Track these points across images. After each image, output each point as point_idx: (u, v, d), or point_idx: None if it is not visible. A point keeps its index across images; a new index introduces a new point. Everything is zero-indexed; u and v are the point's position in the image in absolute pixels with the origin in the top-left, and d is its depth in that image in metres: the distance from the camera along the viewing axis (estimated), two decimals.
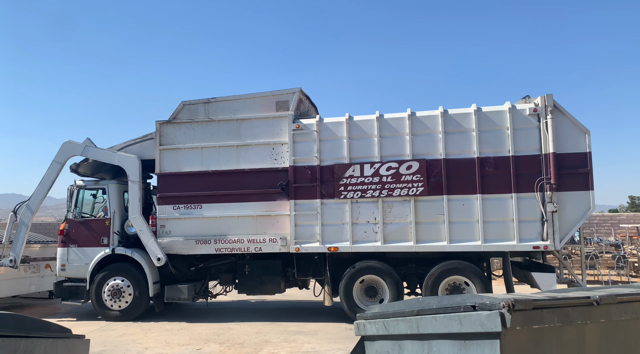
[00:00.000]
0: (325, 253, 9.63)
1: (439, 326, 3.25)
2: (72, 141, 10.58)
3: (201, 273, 10.56)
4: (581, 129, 8.94)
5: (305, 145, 9.71)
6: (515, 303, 2.72)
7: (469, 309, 3.01)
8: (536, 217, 8.90)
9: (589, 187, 8.83)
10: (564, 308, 2.88)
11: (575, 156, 8.86)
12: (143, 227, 10.05)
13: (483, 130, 9.14)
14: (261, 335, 8.66)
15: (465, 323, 3.00)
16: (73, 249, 10.43)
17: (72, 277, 10.46)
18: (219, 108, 10.18)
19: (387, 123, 9.46)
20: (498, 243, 8.95)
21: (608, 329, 3.05)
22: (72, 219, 10.51)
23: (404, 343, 3.74)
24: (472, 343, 2.97)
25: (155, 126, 10.35)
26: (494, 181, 9.03)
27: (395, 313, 3.85)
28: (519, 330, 2.77)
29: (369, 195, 9.35)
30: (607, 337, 3.05)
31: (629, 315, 3.07)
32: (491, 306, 2.84)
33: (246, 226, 9.83)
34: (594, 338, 3.01)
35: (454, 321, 3.09)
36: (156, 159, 10.23)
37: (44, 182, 10.51)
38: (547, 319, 2.83)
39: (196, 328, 9.35)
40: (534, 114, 9.01)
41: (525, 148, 9.01)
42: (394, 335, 3.84)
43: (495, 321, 2.74)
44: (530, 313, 2.76)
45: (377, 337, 4.14)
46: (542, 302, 2.85)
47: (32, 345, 3.39)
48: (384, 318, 3.99)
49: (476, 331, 2.90)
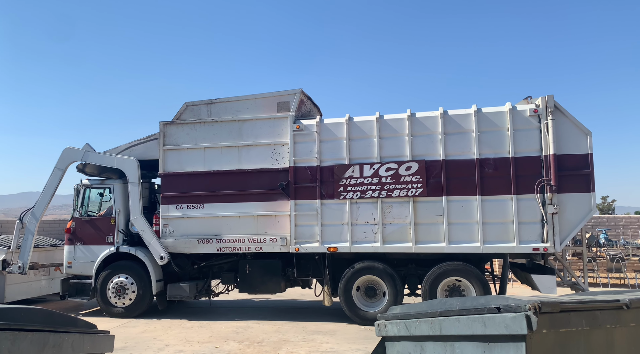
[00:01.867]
0: (324, 253, 9.69)
1: (462, 328, 3.23)
2: (71, 147, 10.78)
3: (203, 272, 10.70)
4: (582, 130, 8.84)
5: (306, 145, 9.76)
6: (541, 306, 2.70)
7: (493, 311, 2.98)
8: (536, 219, 8.83)
9: (590, 189, 8.74)
10: (592, 311, 2.84)
11: (576, 157, 8.78)
12: (145, 227, 10.22)
13: (483, 131, 9.09)
14: (280, 334, 8.72)
15: (489, 325, 2.98)
16: (79, 247, 10.64)
17: (78, 274, 10.68)
18: (222, 109, 10.30)
19: (387, 124, 9.47)
20: (497, 245, 8.90)
21: (638, 333, 3.01)
22: (78, 217, 10.72)
23: (426, 344, 3.72)
24: (497, 345, 2.94)
25: (159, 126, 10.51)
26: (494, 183, 8.98)
27: (417, 314, 3.83)
28: (546, 333, 2.74)
29: (369, 196, 9.37)
30: (637, 341, 3.00)
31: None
32: (516, 309, 2.81)
33: (247, 226, 9.93)
34: (623, 342, 2.97)
35: (477, 322, 3.07)
36: (160, 159, 10.39)
37: (47, 189, 10.72)
38: (575, 322, 2.79)
39: (215, 326, 9.46)
40: (535, 115, 8.94)
41: (526, 150, 8.94)
42: (416, 336, 3.82)
43: (521, 323, 2.72)
44: (557, 316, 2.73)
45: (398, 338, 4.12)
46: (570, 305, 2.81)
47: (61, 339, 3.42)
48: (405, 319, 3.98)
49: (501, 334, 2.87)
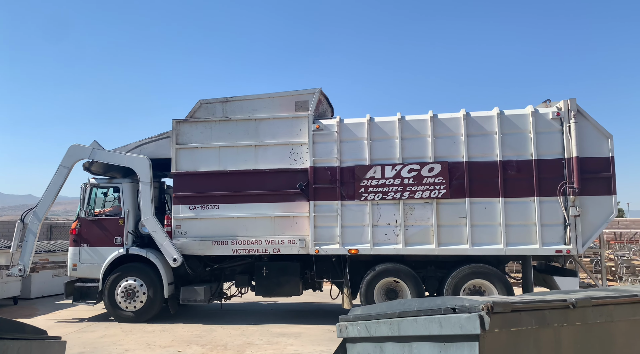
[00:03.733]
0: (344, 256, 9.54)
1: (419, 328, 3.26)
2: (78, 145, 10.37)
3: (216, 275, 10.40)
4: (604, 134, 8.94)
5: (325, 145, 9.61)
6: (494, 306, 2.73)
7: (449, 311, 3.02)
8: (558, 221, 8.87)
9: (612, 192, 8.83)
10: (541, 310, 2.90)
11: (598, 160, 8.85)
12: (157, 228, 9.88)
13: (505, 133, 9.10)
14: (244, 337, 8.59)
15: (445, 325, 3.02)
16: (85, 248, 10.22)
17: (84, 277, 10.25)
18: (237, 108, 10.06)
19: (409, 125, 9.40)
20: (520, 247, 8.90)
21: (584, 332, 3.08)
22: (84, 218, 10.30)
23: (385, 345, 3.74)
24: (452, 345, 2.98)
25: (171, 124, 10.19)
26: (517, 185, 8.99)
27: (377, 315, 3.84)
28: (498, 332, 2.79)
29: (390, 197, 9.27)
30: (582, 339, 3.09)
31: (604, 318, 3.10)
32: (471, 309, 2.84)
33: (264, 227, 9.70)
34: (570, 341, 3.04)
35: (434, 323, 3.10)
36: (172, 158, 10.07)
37: (52, 188, 10.28)
38: (525, 321, 2.85)
39: (178, 329, 9.23)
40: (557, 118, 9.00)
41: (548, 152, 8.98)
42: (376, 337, 3.84)
43: (475, 323, 2.75)
44: (508, 315, 2.78)
45: (358, 339, 4.12)
46: (520, 305, 2.87)
47: (5, 347, 3.30)
48: (365, 320, 3.99)
49: (456, 334, 2.91)
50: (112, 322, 9.92)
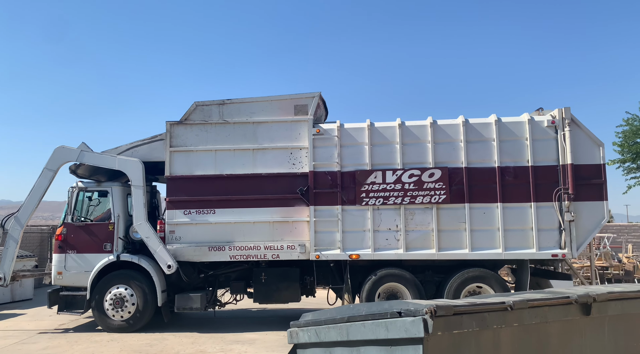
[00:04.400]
0: (343, 261, 9.48)
1: (367, 333, 3.31)
2: (65, 146, 9.88)
3: (209, 281, 10.12)
4: (595, 142, 9.28)
5: (326, 150, 9.55)
6: (437, 309, 2.79)
7: (395, 315, 3.06)
8: (554, 226, 9.14)
9: (603, 198, 9.17)
10: (481, 313, 2.98)
11: (590, 167, 9.18)
12: (150, 234, 9.52)
13: (503, 140, 9.32)
14: (197, 345, 8.41)
15: (391, 329, 3.07)
16: (72, 255, 9.71)
17: (69, 285, 9.73)
18: (234, 110, 9.85)
19: (409, 131, 9.47)
20: (518, 251, 9.11)
21: (521, 333, 3.20)
22: (71, 223, 9.79)
23: (334, 350, 3.77)
24: (398, 348, 3.03)
25: (165, 126, 9.88)
26: (514, 191, 9.20)
27: (327, 320, 3.87)
28: (441, 335, 2.85)
29: (391, 202, 9.30)
30: (520, 340, 3.20)
31: (539, 319, 3.22)
32: (415, 312, 2.89)
33: (262, 232, 9.52)
34: (508, 341, 3.15)
35: (381, 327, 3.15)
36: (166, 161, 9.75)
37: (35, 192, 9.75)
38: (466, 324, 2.93)
39: (127, 338, 8.94)
40: (552, 126, 9.29)
41: (544, 159, 9.25)
42: (326, 342, 3.86)
43: (419, 326, 2.80)
44: (450, 318, 2.85)
45: (309, 345, 4.13)
46: (462, 308, 2.94)
47: None
48: (316, 326, 4.00)
49: (401, 337, 2.96)
50: (57, 333, 9.52)
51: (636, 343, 3.60)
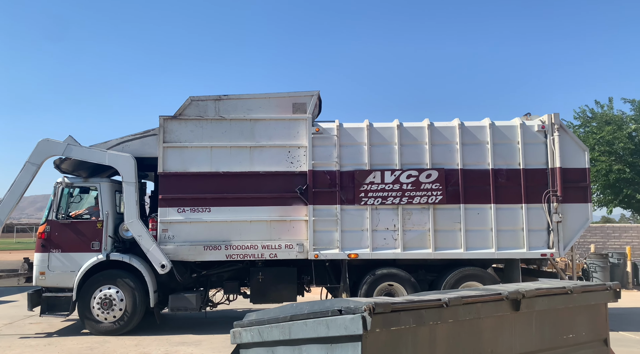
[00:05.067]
0: (339, 260, 9.49)
1: (309, 331, 3.33)
2: (50, 139, 9.35)
3: (200, 281, 9.87)
4: (581, 147, 9.76)
5: (325, 149, 9.53)
6: (375, 307, 2.83)
7: (336, 313, 3.09)
8: (543, 227, 9.52)
9: (588, 200, 9.66)
10: (418, 310, 3.05)
11: (577, 171, 9.63)
12: (142, 232, 9.17)
13: (496, 143, 9.60)
14: (140, 348, 8.20)
15: (332, 327, 3.10)
16: (56, 254, 9.20)
17: (52, 286, 9.22)
18: (231, 107, 9.65)
19: (407, 132, 9.60)
20: (510, 251, 9.43)
21: (455, 328, 3.32)
22: (55, 220, 9.27)
23: (277, 349, 3.78)
24: (338, 346, 3.06)
25: (158, 121, 9.53)
26: (506, 192, 9.51)
27: (270, 319, 3.88)
28: (379, 332, 2.90)
29: (389, 202, 9.39)
30: (454, 335, 3.33)
31: (473, 315, 3.36)
32: (355, 310, 2.93)
33: (259, 231, 9.38)
34: (444, 337, 3.26)
35: (322, 325, 3.17)
36: (159, 157, 9.42)
37: (16, 187, 9.16)
38: (404, 321, 3.00)
39: (67, 342, 8.60)
40: (542, 130, 9.67)
41: (534, 162, 9.61)
42: (268, 342, 3.86)
43: (358, 324, 2.83)
44: (388, 315, 2.90)
45: (252, 344, 4.13)
46: (400, 305, 3.02)
47: None
48: (259, 325, 4.00)
49: (341, 335, 2.98)
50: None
51: (560, 335, 3.82)
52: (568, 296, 3.88)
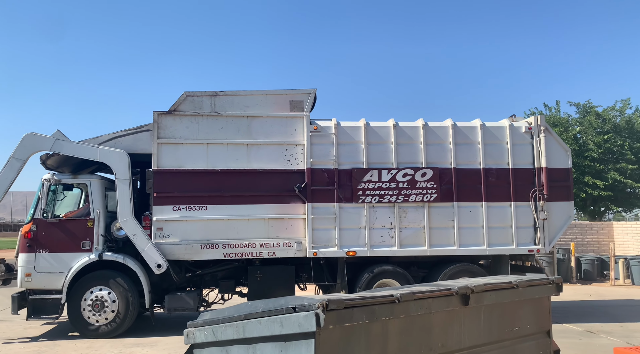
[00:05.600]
0: (334, 258, 9.54)
1: (263, 329, 3.33)
2: (37, 134, 8.89)
3: (194, 281, 9.66)
4: (564, 147, 10.25)
5: (323, 147, 9.54)
6: (329, 304, 2.85)
7: (290, 311, 3.11)
8: (530, 224, 9.93)
9: (570, 198, 10.17)
10: (371, 306, 3.13)
11: (561, 171, 10.10)
12: (137, 231, 8.87)
13: (487, 144, 9.93)
14: (92, 350, 7.97)
15: (286, 325, 3.11)
16: (43, 255, 8.75)
17: (39, 288, 8.77)
18: (227, 103, 9.49)
19: (403, 131, 9.77)
20: (500, 247, 9.78)
21: (407, 324, 3.42)
22: (42, 219, 8.80)
23: (231, 348, 3.77)
24: (292, 343, 3.06)
25: (152, 117, 9.25)
26: (496, 191, 9.85)
27: (224, 318, 3.85)
28: (332, 329, 2.94)
29: (387, 200, 9.53)
30: (406, 330, 3.43)
31: (424, 310, 3.47)
32: (309, 307, 2.96)
33: (257, 229, 9.29)
34: (395, 332, 3.36)
35: (276, 323, 3.16)
36: (153, 154, 9.14)
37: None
38: (357, 317, 3.05)
39: (13, 347, 8.23)
40: (528, 132, 10.08)
41: (521, 162, 10.00)
42: (222, 341, 3.85)
43: (311, 321, 2.85)
44: (342, 312, 2.93)
45: (206, 344, 4.10)
46: (353, 301, 3.07)
47: None
48: (213, 325, 3.98)
49: (295, 332, 2.99)
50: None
51: (506, 328, 3.96)
52: (514, 291, 4.00)
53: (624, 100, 22.73)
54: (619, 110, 22.95)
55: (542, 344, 4.24)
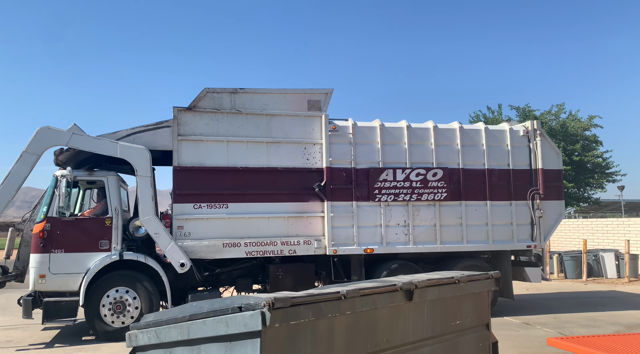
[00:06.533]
0: (349, 256, 9.74)
1: (208, 330, 3.26)
2: (52, 127, 8.44)
3: (209, 280, 9.52)
4: (556, 151, 11.03)
5: (341, 147, 9.72)
6: (275, 302, 2.82)
7: (235, 310, 3.05)
8: (527, 221, 10.61)
9: (561, 198, 10.97)
10: (317, 303, 3.08)
11: (554, 172, 10.87)
12: (159, 229, 8.64)
13: (490, 146, 10.51)
14: None
15: (231, 325, 3.05)
16: (59, 255, 8.31)
17: (53, 290, 8.32)
18: (247, 101, 9.45)
19: (415, 132, 10.14)
20: (503, 243, 10.38)
21: (353, 320, 3.48)
22: (56, 218, 8.36)
23: (174, 350, 3.68)
24: (237, 343, 3.03)
25: (172, 112, 9.04)
26: (499, 190, 10.45)
27: (169, 320, 3.75)
28: (278, 327, 2.89)
29: (401, 199, 9.86)
30: (352, 327, 3.49)
31: (369, 306, 3.54)
32: (255, 306, 2.90)
33: (277, 227, 9.33)
34: (342, 328, 3.42)
35: (221, 323, 3.11)
36: (174, 150, 8.95)
37: (12, 180, 8.18)
38: (303, 314, 3.01)
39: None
40: (526, 135, 10.77)
41: (520, 163, 10.66)
42: (166, 343, 3.75)
43: (257, 320, 2.81)
44: (288, 310, 2.89)
45: (149, 347, 4.03)
46: (300, 299, 3.02)
47: None
48: (157, 326, 3.93)
49: (241, 332, 2.95)
50: None
51: (448, 322, 4.10)
52: (456, 286, 4.10)
53: (559, 105, 24.02)
54: (554, 114, 24.30)
55: (482, 336, 4.32)
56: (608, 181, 23.41)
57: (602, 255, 17.22)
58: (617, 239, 18.57)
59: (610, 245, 18.81)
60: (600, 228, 20.11)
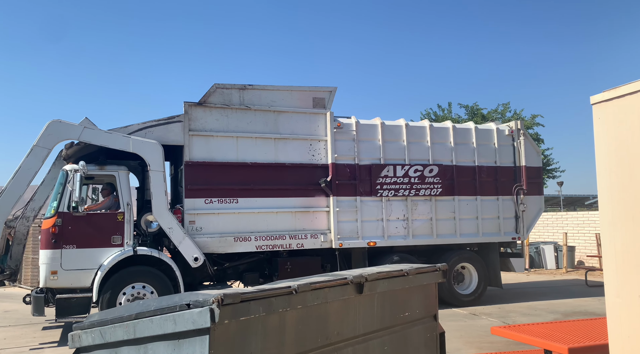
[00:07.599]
0: (351, 249, 10.09)
1: (155, 328, 3.22)
2: (63, 121, 8.25)
3: (216, 274, 9.59)
4: (536, 149, 11.83)
5: (345, 143, 10.04)
6: (224, 298, 2.78)
7: (184, 307, 3.04)
8: (512, 215, 11.34)
9: (541, 193, 11.79)
10: (268, 298, 3.05)
11: (535, 169, 11.66)
12: (173, 224, 8.64)
13: (479, 144, 11.14)
14: None
15: (179, 322, 3.02)
16: (70, 251, 8.13)
17: (64, 287, 8.15)
18: (255, 97, 9.58)
19: (413, 130, 10.61)
20: (491, 236, 11.06)
21: (304, 314, 3.44)
22: (68, 213, 8.18)
23: (120, 350, 3.61)
24: (185, 341, 2.97)
25: (183, 107, 9.04)
26: (487, 186, 11.13)
27: (114, 319, 3.68)
28: (228, 323, 2.89)
29: (401, 194, 10.30)
30: (303, 321, 3.44)
31: (320, 300, 3.52)
32: (203, 303, 2.89)
33: (285, 221, 9.53)
34: (293, 323, 3.37)
35: (169, 321, 3.04)
36: (185, 145, 8.96)
37: (22, 175, 7.94)
38: (254, 310, 3.02)
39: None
40: (510, 135, 11.50)
41: (505, 161, 11.38)
42: (111, 343, 3.69)
43: (206, 317, 2.77)
44: (238, 306, 2.85)
45: (93, 347, 3.90)
46: (250, 295, 3.02)
47: None
48: (101, 326, 3.83)
49: (189, 329, 2.90)
50: None
51: (398, 314, 4.16)
52: (405, 278, 4.13)
53: (504, 104, 25.12)
54: (500, 113, 25.41)
55: (429, 327, 4.42)
56: (549, 178, 24.74)
57: (543, 247, 18.19)
58: (557, 232, 19.47)
59: (550, 238, 19.64)
60: (540, 222, 20.93)
